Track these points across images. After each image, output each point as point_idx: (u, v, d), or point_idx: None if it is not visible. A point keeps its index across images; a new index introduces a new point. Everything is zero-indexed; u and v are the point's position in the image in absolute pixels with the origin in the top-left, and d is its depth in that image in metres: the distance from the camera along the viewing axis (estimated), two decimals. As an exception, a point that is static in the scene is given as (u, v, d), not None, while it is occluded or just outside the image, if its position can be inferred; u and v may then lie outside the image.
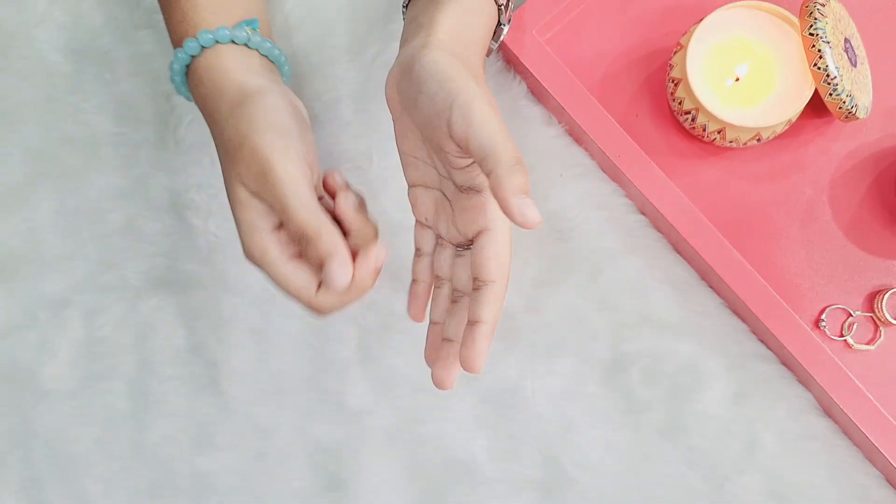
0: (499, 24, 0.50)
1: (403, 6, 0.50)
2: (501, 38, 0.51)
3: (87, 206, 0.59)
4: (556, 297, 0.58)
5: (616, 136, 0.56)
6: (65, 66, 0.60)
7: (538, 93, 0.59)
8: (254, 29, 0.50)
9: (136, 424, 0.58)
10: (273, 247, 0.45)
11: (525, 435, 0.57)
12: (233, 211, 0.46)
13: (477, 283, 0.44)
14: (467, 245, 0.47)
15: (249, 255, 0.46)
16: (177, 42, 0.51)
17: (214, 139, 0.48)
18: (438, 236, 0.48)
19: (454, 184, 0.46)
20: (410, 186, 0.49)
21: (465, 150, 0.43)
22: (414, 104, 0.45)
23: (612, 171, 0.58)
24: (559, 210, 0.58)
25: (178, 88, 0.51)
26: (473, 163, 0.45)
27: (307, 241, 0.44)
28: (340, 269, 0.44)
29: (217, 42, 0.49)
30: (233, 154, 0.46)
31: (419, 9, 0.48)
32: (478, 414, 0.57)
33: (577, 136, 0.59)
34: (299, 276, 0.45)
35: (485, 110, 0.42)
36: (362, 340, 0.58)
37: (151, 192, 0.59)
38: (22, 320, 0.59)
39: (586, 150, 0.59)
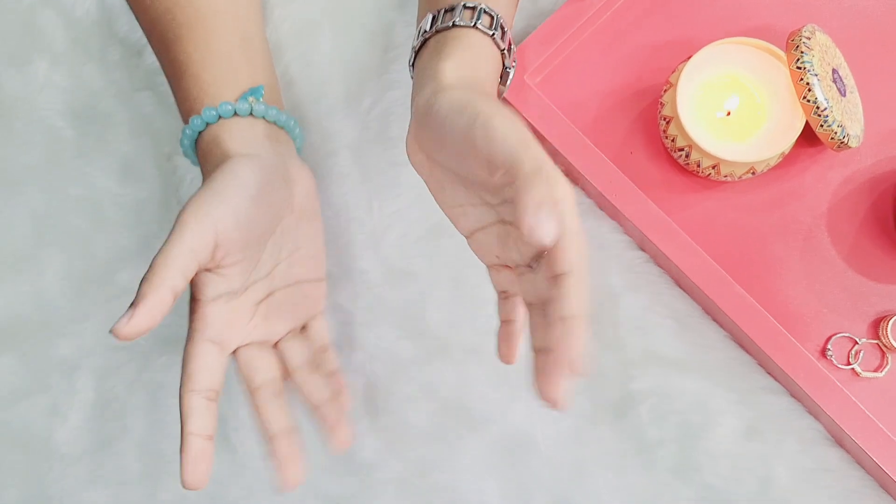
0: (504, 67, 0.51)
1: (410, 65, 0.51)
2: (510, 80, 0.52)
3: (94, 268, 0.60)
4: (560, 338, 0.58)
5: (611, 175, 0.57)
6: (67, 131, 0.62)
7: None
8: (257, 98, 0.51)
9: (150, 484, 0.58)
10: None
11: (536, 480, 0.57)
12: None
13: (556, 280, 0.41)
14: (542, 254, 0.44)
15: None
16: (185, 116, 0.52)
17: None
18: (517, 266, 0.46)
19: (507, 201, 0.45)
20: (468, 238, 0.48)
21: (492, 168, 0.42)
22: (440, 147, 0.44)
23: (609, 210, 0.59)
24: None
25: (193, 162, 0.53)
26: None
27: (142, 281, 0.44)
28: (122, 319, 0.44)
29: (220, 117, 0.50)
30: None
31: (424, 62, 0.49)
32: (488, 461, 0.57)
33: (573, 175, 0.60)
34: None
35: (505, 123, 0.41)
36: (369, 391, 0.58)
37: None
38: (33, 385, 0.59)
39: (583, 189, 0.60)
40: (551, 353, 0.41)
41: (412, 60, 0.51)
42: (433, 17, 0.50)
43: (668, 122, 0.57)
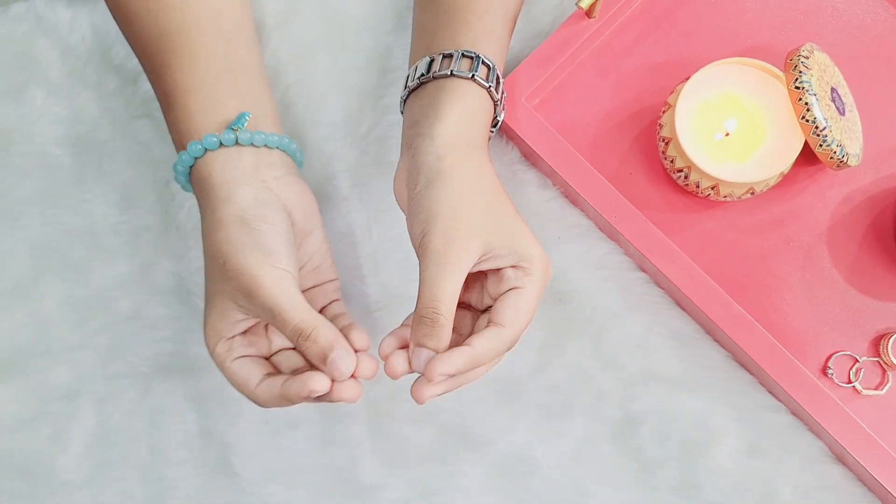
0: (494, 115, 0.54)
1: (402, 100, 0.53)
2: (498, 125, 0.55)
3: (93, 296, 0.61)
4: (561, 359, 0.59)
5: (610, 196, 0.57)
6: (65, 159, 0.62)
7: (531, 157, 0.60)
8: (241, 126, 0.52)
9: (152, 510, 0.59)
10: (227, 349, 0.49)
11: (538, 501, 0.57)
12: (206, 317, 0.50)
13: (488, 324, 0.48)
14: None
15: (212, 351, 0.50)
16: (176, 147, 0.53)
17: (203, 242, 0.51)
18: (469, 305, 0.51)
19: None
20: None
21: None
22: (419, 207, 0.49)
23: (609, 231, 0.59)
24: (559, 272, 0.59)
25: (180, 180, 0.53)
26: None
27: (305, 339, 0.46)
28: (344, 359, 0.46)
29: (206, 150, 0.51)
30: (219, 271, 0.49)
31: (419, 113, 0.51)
32: (490, 481, 0.58)
33: (572, 197, 0.60)
34: (244, 370, 0.49)
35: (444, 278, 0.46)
36: (371, 414, 0.59)
37: (156, 278, 0.61)
38: (34, 413, 0.60)
39: (582, 210, 0.60)
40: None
41: (405, 97, 0.53)
42: (430, 62, 0.51)
43: (666, 143, 0.57)
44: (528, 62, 0.59)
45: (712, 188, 0.57)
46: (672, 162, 0.57)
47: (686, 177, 0.57)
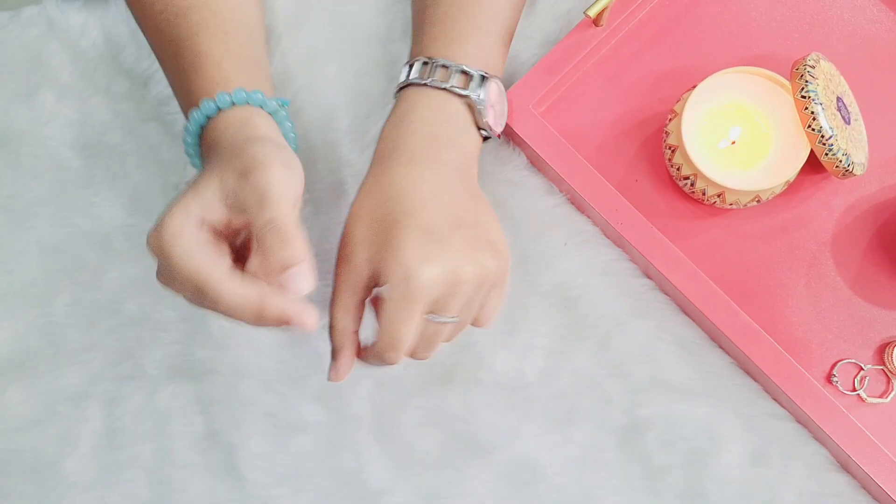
0: (480, 128, 0.54)
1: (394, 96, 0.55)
2: (496, 125, 0.55)
3: (103, 298, 0.61)
4: (567, 366, 0.59)
5: (616, 203, 0.58)
6: (75, 162, 0.63)
7: (537, 164, 0.61)
8: (286, 105, 0.54)
9: (158, 513, 0.59)
10: (192, 236, 0.45)
11: (544, 506, 0.58)
12: (179, 198, 0.46)
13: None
14: None
15: (164, 230, 0.45)
16: (196, 94, 0.51)
17: (204, 167, 0.49)
18: None
19: None
20: None
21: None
22: None
23: (615, 237, 0.60)
24: (566, 278, 0.60)
25: (189, 145, 0.52)
26: None
27: (278, 236, 0.43)
28: (306, 277, 0.44)
29: (248, 102, 0.50)
30: (232, 148, 0.47)
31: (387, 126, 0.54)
32: (496, 487, 0.58)
33: (578, 203, 0.60)
34: (207, 261, 0.44)
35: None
36: (377, 418, 0.59)
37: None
38: (42, 414, 0.60)
39: (589, 217, 0.61)
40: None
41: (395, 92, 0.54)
42: (409, 68, 0.54)
43: (673, 151, 0.58)
44: (535, 69, 0.59)
45: (718, 196, 0.57)
46: (678, 169, 0.58)
47: (692, 184, 0.58)
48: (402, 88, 0.54)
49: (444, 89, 0.52)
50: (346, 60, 0.63)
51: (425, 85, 0.53)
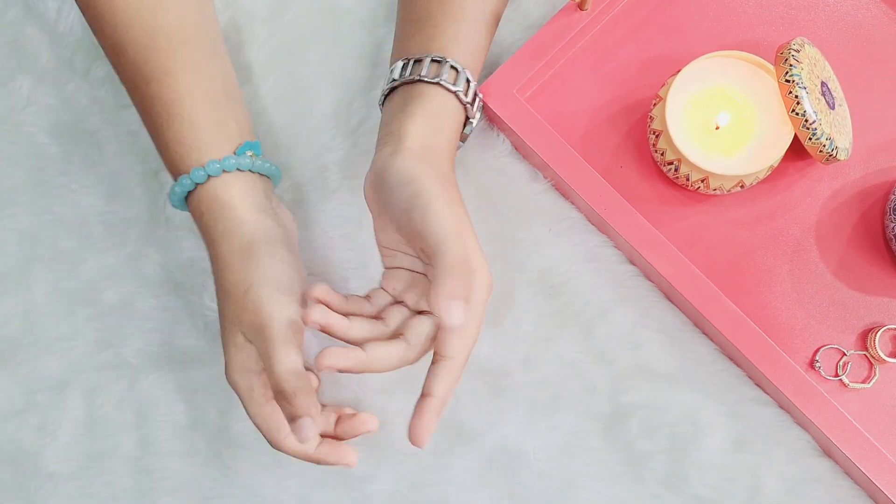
0: (467, 118, 0.55)
1: (380, 103, 0.55)
2: (473, 127, 0.56)
3: (82, 287, 0.61)
4: (551, 353, 0.59)
5: (601, 189, 0.58)
6: (53, 148, 0.63)
7: (522, 150, 0.61)
8: (257, 154, 0.54)
9: (141, 502, 0.59)
10: (258, 388, 0.51)
11: (528, 493, 0.58)
12: (225, 349, 0.51)
13: (436, 357, 0.49)
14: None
15: (235, 387, 0.52)
16: (177, 165, 0.53)
17: (215, 275, 0.52)
18: (401, 302, 0.52)
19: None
20: (385, 269, 0.53)
21: (423, 245, 0.48)
22: (386, 205, 0.50)
23: (599, 224, 0.60)
24: (550, 265, 0.60)
25: (178, 207, 0.55)
26: None
27: (283, 398, 0.48)
28: (306, 431, 0.48)
29: (224, 171, 0.52)
30: (237, 300, 0.50)
31: (391, 114, 0.53)
32: (480, 474, 0.59)
33: (563, 190, 0.61)
34: (274, 418, 0.51)
35: (442, 210, 0.47)
36: (360, 406, 0.59)
37: (144, 269, 0.61)
38: (22, 403, 0.61)
39: (573, 203, 0.61)
40: (432, 399, 0.49)
41: (381, 102, 0.55)
42: (403, 66, 0.53)
43: (657, 136, 0.58)
44: (519, 54, 0.59)
45: (702, 181, 0.58)
46: (662, 155, 0.58)
47: (676, 169, 0.58)
48: (419, 81, 0.52)
49: (455, 93, 0.53)
50: (330, 46, 0.63)
51: (455, 94, 0.53)
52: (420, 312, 0.51)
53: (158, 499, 0.59)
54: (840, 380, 0.58)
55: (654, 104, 0.59)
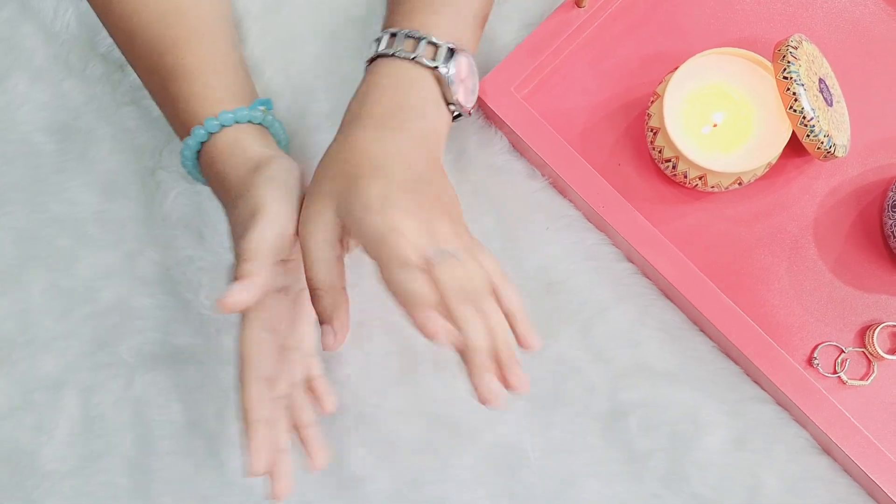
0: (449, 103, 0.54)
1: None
2: (468, 101, 0.54)
3: (78, 286, 0.61)
4: (550, 351, 0.59)
5: (598, 187, 0.58)
6: (48, 146, 0.63)
7: (520, 147, 0.61)
8: (269, 109, 0.55)
9: (138, 501, 0.59)
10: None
11: (527, 491, 0.58)
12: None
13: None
14: None
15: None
16: (188, 120, 0.54)
17: (230, 202, 0.52)
18: None
19: None
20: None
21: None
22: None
23: (597, 221, 0.60)
24: (548, 263, 0.60)
25: (189, 168, 0.55)
26: None
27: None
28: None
29: (236, 121, 0.53)
30: (242, 202, 0.50)
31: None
32: (478, 472, 0.59)
33: (560, 188, 0.61)
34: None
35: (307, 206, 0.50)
36: (358, 406, 0.59)
37: (141, 267, 0.61)
38: (18, 402, 0.60)
39: (571, 201, 0.61)
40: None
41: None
42: (377, 42, 0.54)
43: (655, 134, 0.58)
44: (517, 52, 0.59)
45: (700, 178, 0.57)
46: (660, 152, 0.58)
47: (674, 167, 0.58)
48: (371, 61, 0.54)
49: (412, 59, 0.52)
50: (325, 43, 0.63)
51: (393, 56, 0.52)
52: None
53: (155, 498, 0.59)
54: (838, 377, 0.58)
55: (652, 101, 0.59)
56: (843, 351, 0.58)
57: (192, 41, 0.54)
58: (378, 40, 0.54)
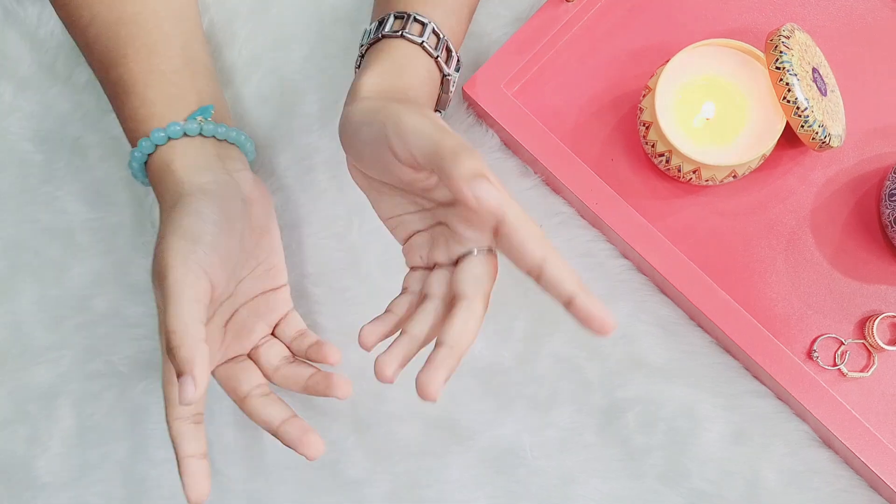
0: (443, 74, 0.52)
1: (356, 66, 0.54)
2: (452, 88, 0.53)
3: (69, 295, 0.61)
4: (546, 349, 0.59)
5: (591, 183, 0.57)
6: (36, 156, 0.62)
7: (511, 145, 0.61)
8: (206, 117, 0.53)
9: (134, 510, 0.59)
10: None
11: (525, 491, 0.58)
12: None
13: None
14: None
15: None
16: (131, 137, 0.54)
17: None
18: (436, 263, 0.48)
19: (442, 204, 0.46)
20: (403, 243, 0.49)
21: (416, 167, 0.43)
22: (361, 159, 0.46)
23: (591, 218, 0.59)
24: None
25: (144, 183, 0.55)
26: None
27: (169, 350, 0.45)
28: (187, 387, 0.44)
29: (170, 138, 0.51)
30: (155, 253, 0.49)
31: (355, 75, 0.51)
32: (477, 473, 0.58)
33: (553, 185, 0.60)
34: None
35: (414, 120, 0.43)
36: (355, 408, 0.59)
37: (132, 275, 0.61)
38: (12, 414, 0.60)
39: (564, 198, 0.61)
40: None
41: (358, 64, 0.53)
42: (366, 32, 0.52)
43: (647, 128, 0.58)
44: (505, 48, 0.59)
45: (694, 172, 0.57)
46: (653, 146, 0.58)
47: (667, 161, 0.57)
48: (389, 36, 0.50)
49: (420, 44, 0.50)
50: (314, 43, 0.63)
51: (421, 45, 0.50)
52: (458, 261, 0.46)
53: (152, 507, 0.59)
54: (838, 369, 0.58)
55: (644, 95, 0.58)
56: (842, 343, 0.58)
57: (137, 51, 0.53)
58: (382, 21, 0.51)
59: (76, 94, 0.63)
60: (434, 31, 0.51)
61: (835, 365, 0.58)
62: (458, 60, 0.53)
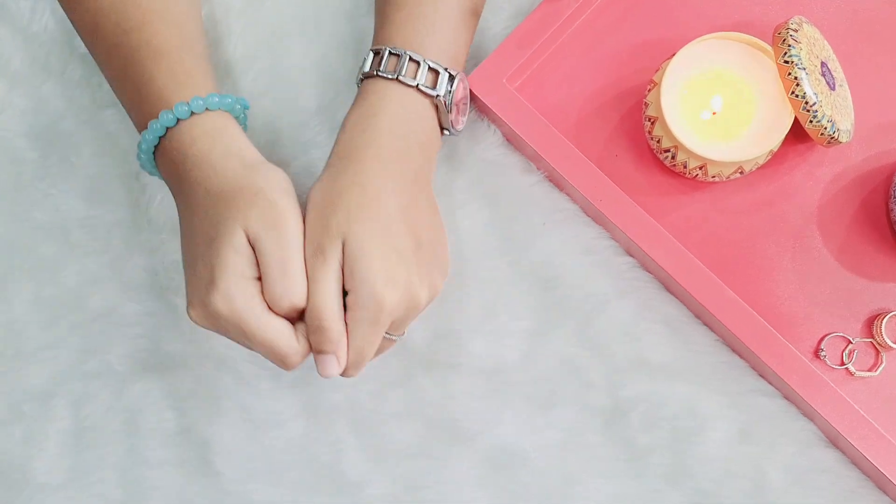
0: (445, 103, 0.53)
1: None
2: (448, 104, 0.53)
3: (65, 294, 0.60)
4: (549, 348, 0.59)
5: (595, 179, 0.57)
6: (30, 152, 0.62)
7: (514, 140, 0.60)
8: (245, 107, 0.54)
9: (132, 511, 0.58)
10: (258, 297, 0.48)
11: (527, 492, 0.58)
12: (218, 252, 0.47)
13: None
14: None
15: (231, 300, 0.47)
16: (158, 101, 0.51)
17: (194, 189, 0.50)
18: None
19: None
20: None
21: None
22: None
23: (595, 215, 0.59)
24: (545, 258, 0.59)
25: (143, 161, 0.53)
26: None
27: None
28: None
29: (207, 108, 0.50)
30: (246, 198, 0.48)
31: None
32: (478, 474, 0.58)
33: (556, 181, 0.60)
34: (283, 326, 0.48)
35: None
36: (355, 411, 0.59)
37: (128, 274, 0.60)
38: (7, 415, 0.60)
39: (568, 194, 0.60)
40: None
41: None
42: (374, 56, 0.53)
43: (652, 123, 0.57)
44: (507, 42, 0.58)
45: (700, 168, 0.56)
46: (658, 142, 0.57)
47: (673, 157, 0.57)
48: (367, 77, 0.53)
49: (415, 87, 0.52)
50: (311, 38, 0.62)
51: (396, 80, 0.51)
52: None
53: (150, 508, 0.59)
54: (846, 368, 0.57)
55: (649, 90, 0.57)
56: (850, 342, 0.57)
57: (161, 22, 0.52)
58: (375, 54, 0.52)
59: (69, 89, 0.62)
60: (429, 68, 0.52)
61: (842, 364, 0.57)
62: (457, 85, 0.53)
